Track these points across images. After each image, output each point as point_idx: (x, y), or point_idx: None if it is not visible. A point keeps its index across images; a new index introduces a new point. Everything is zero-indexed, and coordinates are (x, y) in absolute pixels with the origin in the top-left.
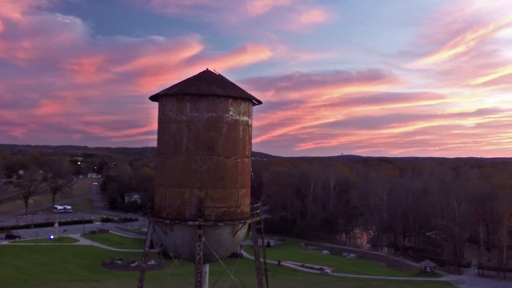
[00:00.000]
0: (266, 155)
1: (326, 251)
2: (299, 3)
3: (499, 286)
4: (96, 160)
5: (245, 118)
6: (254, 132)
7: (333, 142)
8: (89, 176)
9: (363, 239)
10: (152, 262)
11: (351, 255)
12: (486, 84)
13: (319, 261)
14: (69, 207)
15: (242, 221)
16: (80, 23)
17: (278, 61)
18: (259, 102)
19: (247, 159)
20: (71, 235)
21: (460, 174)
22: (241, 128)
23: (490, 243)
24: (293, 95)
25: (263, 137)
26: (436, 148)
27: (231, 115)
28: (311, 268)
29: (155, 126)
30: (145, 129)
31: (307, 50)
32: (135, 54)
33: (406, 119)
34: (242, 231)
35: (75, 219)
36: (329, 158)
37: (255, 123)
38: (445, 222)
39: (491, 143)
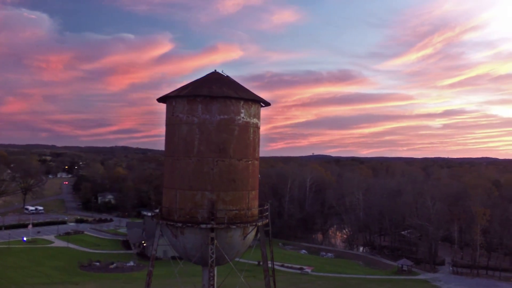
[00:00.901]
0: None
1: (304, 250)
2: (270, 3)
3: (473, 284)
4: (65, 159)
5: (255, 120)
6: None
7: (304, 142)
8: (59, 175)
9: (338, 239)
10: (131, 263)
11: (329, 254)
12: (452, 86)
13: (298, 260)
14: (41, 207)
15: (254, 224)
16: (47, 19)
17: (249, 61)
18: (268, 104)
19: (256, 162)
20: (45, 237)
21: (429, 174)
22: (251, 131)
23: (463, 241)
24: (264, 94)
25: None
26: (405, 148)
27: (242, 117)
28: (291, 268)
29: (125, 125)
30: (114, 128)
31: (278, 50)
32: (105, 52)
33: (375, 120)
34: (252, 234)
35: (48, 220)
36: (300, 158)
37: None
38: (420, 221)
39: (457, 143)
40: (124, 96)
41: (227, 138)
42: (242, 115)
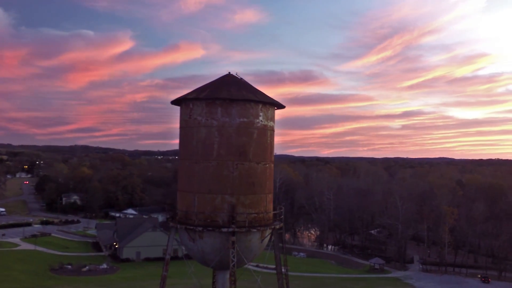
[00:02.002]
0: None
1: None
2: (232, 2)
3: (442, 280)
4: (23, 158)
5: (271, 123)
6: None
7: None
8: (18, 175)
9: (309, 238)
10: (104, 266)
11: (301, 254)
12: (411, 87)
13: (273, 261)
14: (2, 209)
15: (272, 227)
16: (1, 13)
17: (211, 60)
18: (282, 107)
19: (272, 165)
20: (10, 240)
21: (393, 174)
22: (268, 134)
23: (430, 240)
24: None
25: None
26: (365, 148)
27: (261, 121)
28: (266, 268)
29: (84, 123)
30: (73, 126)
31: (240, 50)
32: (63, 48)
33: (336, 120)
34: (268, 237)
35: (12, 222)
36: None
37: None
38: (389, 220)
39: (415, 144)
40: (83, 94)
41: (247, 141)
42: (260, 118)
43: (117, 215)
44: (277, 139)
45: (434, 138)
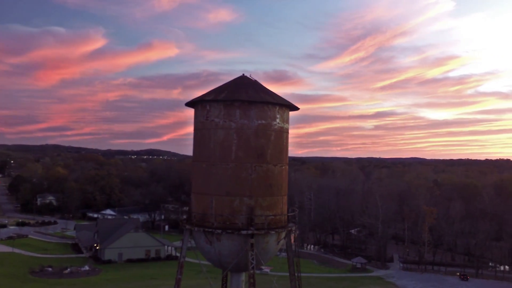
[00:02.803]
0: (174, 154)
1: None
2: (206, 1)
3: (423, 279)
4: None
5: (286, 125)
6: (165, 130)
7: None
8: None
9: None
10: (86, 268)
11: (283, 253)
12: (383, 88)
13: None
14: None
15: (289, 228)
16: None
17: (185, 59)
18: (296, 109)
19: (287, 167)
20: None
21: (368, 174)
22: (284, 136)
23: (409, 239)
24: (201, 93)
25: (171, 136)
26: (339, 148)
27: (278, 123)
28: None
29: (55, 122)
30: (44, 125)
31: (215, 49)
32: (33, 45)
33: (310, 120)
34: (283, 238)
35: None
36: None
37: (164, 121)
38: (370, 220)
39: (387, 144)
40: (54, 92)
41: (265, 143)
42: (277, 120)
43: (95, 215)
44: None
45: (405, 139)
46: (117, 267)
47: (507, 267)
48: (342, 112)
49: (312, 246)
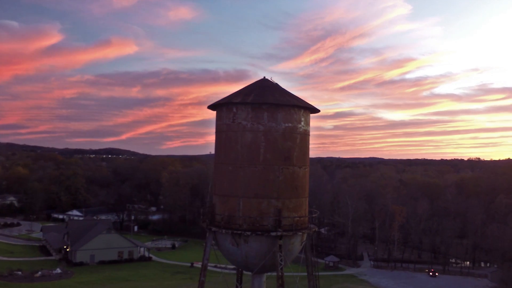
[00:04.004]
0: (134, 153)
1: None
2: None
3: (394, 276)
4: None
5: (309, 128)
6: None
7: (201, 141)
8: None
9: None
10: (58, 270)
11: None
12: (342, 89)
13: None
14: None
15: (313, 229)
16: None
17: (145, 57)
18: (318, 111)
19: (308, 169)
20: None
21: (330, 173)
22: (308, 138)
23: (379, 237)
24: (160, 92)
25: (129, 134)
26: None
27: (302, 126)
28: (225, 268)
29: (8, 120)
30: None
31: (175, 47)
32: None
33: None
34: (305, 239)
35: None
36: (197, 157)
37: (123, 119)
38: (340, 219)
39: (346, 144)
40: (6, 88)
41: (291, 146)
42: (302, 123)
43: (61, 217)
44: (210, 139)
45: (364, 139)
46: (89, 269)
47: (468, 263)
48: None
49: None
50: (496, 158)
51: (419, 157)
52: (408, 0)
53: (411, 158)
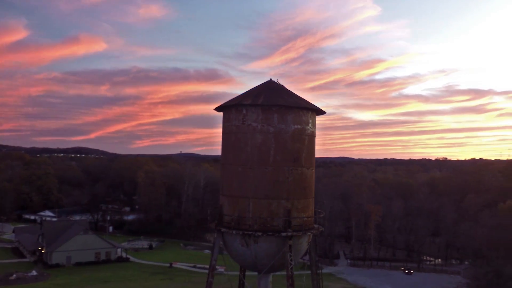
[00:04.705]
0: (103, 152)
1: (207, 250)
2: None
3: (371, 274)
4: None
5: (315, 129)
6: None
7: (171, 140)
8: None
9: None
10: (34, 273)
11: (225, 252)
12: (313, 89)
13: (208, 261)
14: None
15: (320, 229)
16: None
17: (114, 54)
18: (323, 113)
19: (314, 170)
20: None
21: None
22: (314, 140)
23: (354, 236)
24: (130, 90)
25: (98, 133)
26: None
27: (310, 127)
28: (204, 268)
29: None
30: None
31: (145, 45)
32: None
33: None
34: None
35: None
36: (168, 156)
37: (91, 118)
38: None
39: (317, 143)
40: None
41: (300, 147)
42: (310, 125)
43: (33, 217)
44: (180, 138)
45: (334, 139)
46: (66, 271)
47: (440, 260)
48: None
49: None
50: (462, 158)
51: (388, 157)
52: (378, 2)
53: (380, 158)
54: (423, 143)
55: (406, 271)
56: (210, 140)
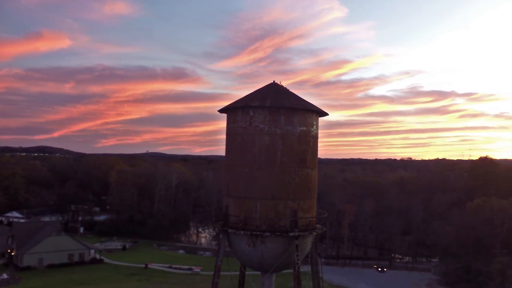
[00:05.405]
0: (68, 151)
1: (182, 250)
2: None
3: (345, 272)
4: None
5: (318, 131)
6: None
7: (137, 139)
8: None
9: (206, 238)
10: (4, 276)
11: (207, 253)
12: None
13: (183, 261)
14: None
15: (323, 229)
16: None
17: (79, 51)
18: (326, 114)
19: (317, 171)
20: None
21: None
22: (317, 141)
23: (327, 235)
24: (95, 88)
25: (61, 132)
26: None
27: (314, 129)
28: (180, 268)
29: None
30: None
31: (110, 43)
32: None
33: (208, 118)
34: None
35: None
36: (134, 156)
37: (55, 116)
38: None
39: None
40: None
41: (306, 149)
42: (314, 127)
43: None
44: (146, 137)
45: None
46: (38, 274)
47: (409, 258)
48: None
49: None
50: (426, 158)
51: (355, 157)
52: (345, 4)
53: (347, 157)
54: (388, 143)
55: (379, 269)
56: (177, 139)
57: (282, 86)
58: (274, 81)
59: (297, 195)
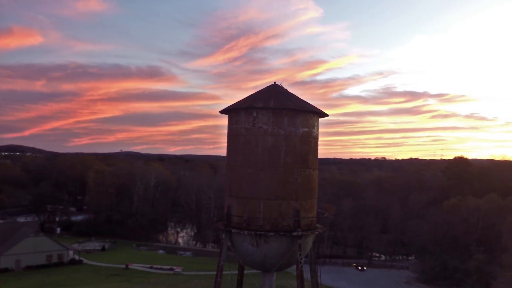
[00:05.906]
0: (39, 150)
1: (161, 250)
2: None
3: (325, 271)
4: None
5: (318, 132)
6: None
7: (111, 138)
8: None
9: (186, 238)
10: None
11: (187, 253)
12: (255, 88)
13: (164, 261)
14: None
15: (324, 228)
16: None
17: (50, 49)
18: (326, 115)
19: (318, 171)
20: None
21: None
22: (318, 142)
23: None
24: (68, 86)
25: (32, 131)
26: (211, 146)
27: (315, 130)
28: (161, 269)
29: None
30: None
31: (83, 40)
32: None
33: (183, 118)
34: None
35: None
36: (108, 155)
37: (25, 114)
38: None
39: None
40: None
41: (308, 149)
42: (315, 128)
43: None
44: (120, 136)
45: None
46: (16, 276)
47: (386, 256)
48: (215, 111)
49: (212, 245)
50: (400, 158)
51: (330, 157)
52: (320, 4)
53: (322, 157)
54: (362, 143)
55: (359, 268)
56: (151, 138)
57: (283, 87)
58: (275, 82)
59: (300, 195)
